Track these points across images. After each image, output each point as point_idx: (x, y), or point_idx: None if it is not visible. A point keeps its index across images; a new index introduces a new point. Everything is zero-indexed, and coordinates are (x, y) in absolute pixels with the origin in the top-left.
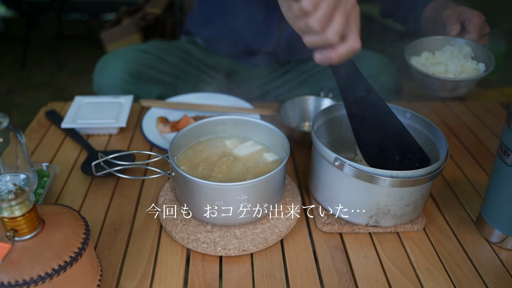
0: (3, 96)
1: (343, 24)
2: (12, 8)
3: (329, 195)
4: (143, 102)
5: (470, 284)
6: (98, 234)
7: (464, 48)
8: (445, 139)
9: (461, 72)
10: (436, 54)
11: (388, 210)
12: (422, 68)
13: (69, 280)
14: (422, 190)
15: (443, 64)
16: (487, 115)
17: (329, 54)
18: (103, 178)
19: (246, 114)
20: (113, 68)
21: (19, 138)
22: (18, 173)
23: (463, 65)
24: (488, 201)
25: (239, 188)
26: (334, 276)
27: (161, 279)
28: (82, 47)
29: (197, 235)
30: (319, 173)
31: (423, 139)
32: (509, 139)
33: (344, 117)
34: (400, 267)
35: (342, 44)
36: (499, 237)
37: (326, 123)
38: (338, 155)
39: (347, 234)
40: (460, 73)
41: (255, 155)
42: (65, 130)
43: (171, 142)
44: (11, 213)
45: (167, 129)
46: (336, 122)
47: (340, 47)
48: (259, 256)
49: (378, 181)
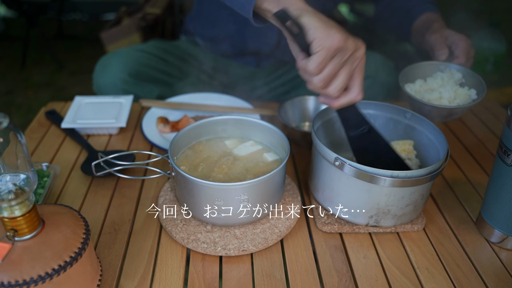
0: (3, 96)
1: (346, 81)
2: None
3: (329, 195)
4: (143, 102)
5: (470, 284)
6: (98, 234)
7: (455, 74)
8: (445, 139)
9: (455, 98)
10: (428, 81)
11: (388, 210)
12: (417, 95)
13: (69, 280)
14: (422, 190)
15: (437, 91)
16: (487, 115)
17: (331, 102)
18: (103, 178)
19: (246, 114)
20: (113, 68)
21: (19, 138)
22: (18, 173)
23: (455, 91)
24: (488, 201)
25: (239, 188)
26: (334, 276)
27: (161, 279)
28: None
29: (197, 235)
30: (319, 173)
31: (423, 139)
32: (509, 139)
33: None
34: (400, 267)
35: (344, 96)
36: (499, 237)
37: (326, 123)
38: (338, 155)
39: (347, 234)
40: (454, 99)
41: (255, 155)
42: (65, 130)
43: (171, 142)
44: (11, 213)
45: (167, 129)
46: (336, 122)
47: (342, 99)
48: (259, 256)
49: (378, 181)
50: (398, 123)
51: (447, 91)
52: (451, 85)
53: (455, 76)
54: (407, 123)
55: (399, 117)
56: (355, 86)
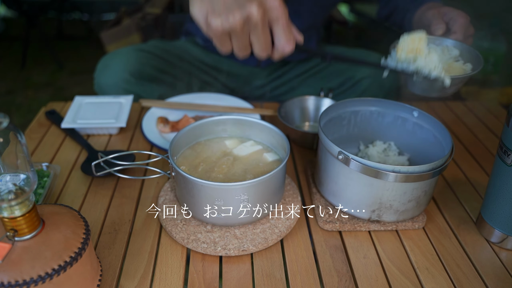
0: (3, 96)
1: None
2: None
3: (333, 188)
4: (143, 102)
5: (470, 284)
6: (98, 234)
7: (452, 50)
8: (450, 137)
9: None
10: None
11: (391, 205)
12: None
13: (69, 280)
14: (425, 186)
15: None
16: (487, 115)
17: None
18: (103, 178)
19: (246, 114)
20: (114, 67)
21: (19, 138)
22: (18, 173)
23: (450, 65)
24: (488, 201)
25: (239, 188)
26: (334, 276)
27: (161, 279)
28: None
29: (197, 235)
30: (324, 167)
31: (430, 138)
32: (509, 139)
33: (348, 114)
34: (400, 267)
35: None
36: (499, 237)
37: (331, 120)
38: (342, 149)
39: (347, 234)
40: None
41: (255, 155)
42: (65, 130)
43: (171, 142)
44: (11, 213)
45: (167, 129)
46: (341, 119)
47: (275, 55)
48: (259, 256)
49: (381, 175)
50: (406, 121)
51: (437, 61)
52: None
53: (452, 52)
54: (415, 121)
55: (407, 115)
56: (278, 39)
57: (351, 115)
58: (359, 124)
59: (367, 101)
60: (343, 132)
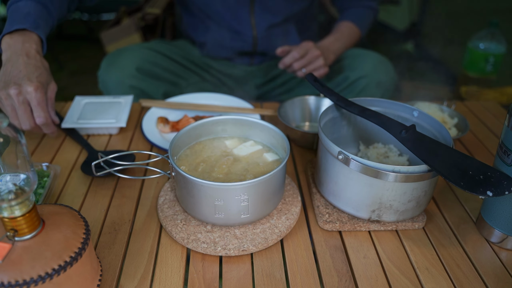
0: None
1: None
2: None
3: (333, 188)
4: (143, 102)
5: (470, 284)
6: (98, 234)
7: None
8: (451, 137)
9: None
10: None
11: (391, 205)
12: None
13: (69, 280)
14: (425, 186)
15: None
16: (487, 115)
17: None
18: (103, 178)
19: (246, 114)
20: (121, 64)
21: (19, 138)
22: (18, 173)
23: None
24: (488, 201)
25: (239, 188)
26: (334, 276)
27: (161, 279)
28: (82, 47)
29: (197, 235)
30: (324, 167)
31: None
32: (509, 139)
33: (348, 114)
34: (400, 267)
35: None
36: (499, 237)
37: (331, 120)
38: (342, 149)
39: (347, 234)
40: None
41: (255, 155)
42: (65, 130)
43: (171, 142)
44: (11, 213)
45: (167, 129)
46: (341, 119)
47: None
48: (259, 256)
49: (381, 175)
50: (406, 121)
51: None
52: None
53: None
54: (415, 121)
55: (407, 115)
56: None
57: (351, 115)
58: (359, 124)
59: (367, 101)
60: (343, 132)
